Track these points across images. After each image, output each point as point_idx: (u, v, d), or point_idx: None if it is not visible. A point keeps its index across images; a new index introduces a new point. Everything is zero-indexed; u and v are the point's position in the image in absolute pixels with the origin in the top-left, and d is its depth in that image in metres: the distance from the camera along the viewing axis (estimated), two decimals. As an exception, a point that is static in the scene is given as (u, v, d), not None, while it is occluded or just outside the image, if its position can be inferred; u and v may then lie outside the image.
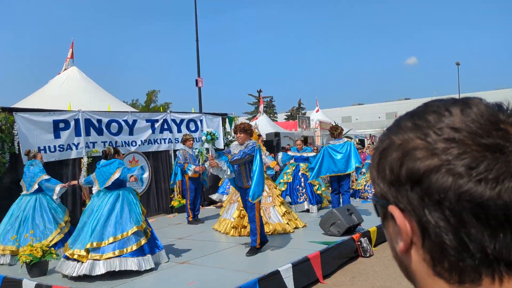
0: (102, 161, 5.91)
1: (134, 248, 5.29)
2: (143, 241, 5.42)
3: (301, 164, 9.71)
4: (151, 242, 5.63)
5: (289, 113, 47.86)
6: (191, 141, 8.87)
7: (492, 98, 0.57)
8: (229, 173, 6.14)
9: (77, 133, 8.48)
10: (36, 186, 6.50)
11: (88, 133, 8.70)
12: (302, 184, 9.57)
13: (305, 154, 9.73)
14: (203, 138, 6.22)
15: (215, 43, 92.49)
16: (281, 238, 6.97)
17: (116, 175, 5.66)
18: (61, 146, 8.19)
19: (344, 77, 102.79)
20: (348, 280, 5.62)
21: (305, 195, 9.48)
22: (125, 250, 5.25)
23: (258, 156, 5.93)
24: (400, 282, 5.41)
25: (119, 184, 5.75)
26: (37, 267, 5.36)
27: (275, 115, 48.37)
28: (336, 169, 8.21)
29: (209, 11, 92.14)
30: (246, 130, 6.12)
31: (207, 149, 6.36)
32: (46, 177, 6.55)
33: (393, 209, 0.54)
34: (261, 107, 21.36)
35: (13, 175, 7.51)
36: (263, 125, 17.54)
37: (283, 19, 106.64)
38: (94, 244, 5.21)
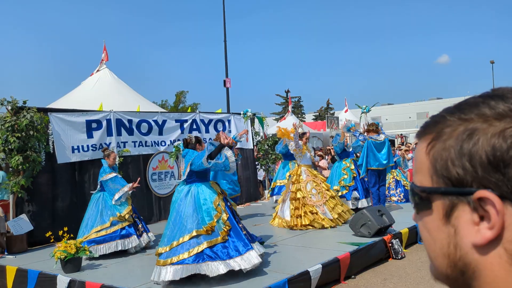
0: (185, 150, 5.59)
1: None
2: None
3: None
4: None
5: (318, 113, 47.55)
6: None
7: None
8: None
9: (109, 133, 8.67)
10: (98, 186, 6.72)
11: (119, 133, 8.87)
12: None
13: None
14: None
15: (243, 44, 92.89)
16: (311, 239, 6.92)
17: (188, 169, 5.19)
18: (93, 145, 8.37)
19: (373, 77, 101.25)
20: (380, 282, 5.51)
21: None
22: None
23: None
24: (433, 285, 5.26)
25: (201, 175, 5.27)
26: (71, 263, 5.50)
27: (303, 115, 48.14)
28: (384, 163, 8.65)
29: (237, 12, 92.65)
30: None
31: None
32: (109, 177, 6.51)
33: (486, 194, 0.50)
34: (290, 107, 21.25)
35: (48, 173, 7.73)
36: (291, 126, 17.41)
37: (310, 19, 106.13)
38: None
